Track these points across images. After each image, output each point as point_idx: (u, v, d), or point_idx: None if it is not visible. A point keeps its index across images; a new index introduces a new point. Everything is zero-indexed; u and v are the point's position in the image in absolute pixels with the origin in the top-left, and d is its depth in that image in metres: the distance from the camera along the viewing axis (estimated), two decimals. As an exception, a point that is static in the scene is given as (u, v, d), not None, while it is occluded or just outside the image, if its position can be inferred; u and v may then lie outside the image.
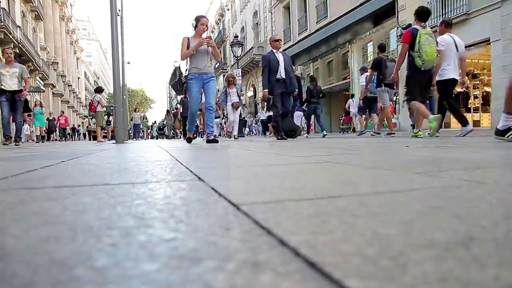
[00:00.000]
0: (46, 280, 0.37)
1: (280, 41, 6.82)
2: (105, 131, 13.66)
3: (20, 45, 20.35)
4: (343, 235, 0.50)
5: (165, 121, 22.71)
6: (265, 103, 12.49)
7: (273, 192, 0.88)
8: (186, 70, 5.73)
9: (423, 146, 2.89)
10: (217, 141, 5.41)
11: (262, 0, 26.09)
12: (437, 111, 5.53)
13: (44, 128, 17.97)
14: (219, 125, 14.33)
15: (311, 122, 14.14)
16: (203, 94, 5.83)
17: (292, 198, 0.79)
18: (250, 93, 29.57)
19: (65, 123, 22.39)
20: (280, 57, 6.55)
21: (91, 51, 78.47)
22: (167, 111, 23.06)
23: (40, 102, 19.08)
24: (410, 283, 0.34)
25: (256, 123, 21.71)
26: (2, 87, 6.95)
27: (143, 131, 24.06)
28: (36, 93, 25.27)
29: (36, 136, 16.92)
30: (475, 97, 14.48)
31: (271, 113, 10.13)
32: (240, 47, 16.68)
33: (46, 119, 18.57)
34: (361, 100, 8.89)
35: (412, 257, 0.41)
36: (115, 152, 3.45)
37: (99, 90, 11.42)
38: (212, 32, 42.16)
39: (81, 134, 33.23)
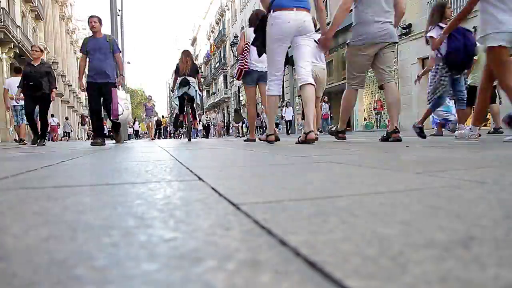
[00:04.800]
0: (46, 280, 0.37)
1: None
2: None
3: (20, 45, 20.34)
4: (343, 235, 0.50)
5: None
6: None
7: (273, 192, 0.88)
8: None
9: (423, 146, 2.89)
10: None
11: (262, 0, 26.07)
12: None
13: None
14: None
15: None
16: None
17: (292, 198, 0.79)
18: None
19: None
20: None
21: (91, 51, 78.31)
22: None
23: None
24: (410, 283, 0.34)
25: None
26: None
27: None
28: (36, 93, 25.26)
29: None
30: (475, 97, 14.48)
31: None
32: (240, 47, 16.62)
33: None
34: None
35: (412, 257, 0.41)
36: (115, 152, 3.45)
37: None
38: (212, 32, 42.17)
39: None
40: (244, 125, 21.43)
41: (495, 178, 1.02)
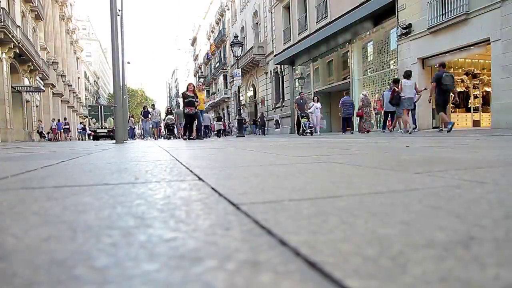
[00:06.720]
0: (46, 280, 0.37)
1: None
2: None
3: (20, 45, 20.33)
4: (343, 235, 0.50)
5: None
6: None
7: (273, 192, 0.88)
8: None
9: (423, 146, 2.89)
10: None
11: (262, 0, 26.08)
12: None
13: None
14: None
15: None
16: None
17: (292, 198, 0.79)
18: (250, 93, 29.55)
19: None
20: None
21: (91, 51, 78.37)
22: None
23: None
24: (410, 283, 0.34)
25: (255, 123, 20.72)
26: None
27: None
28: (36, 93, 25.27)
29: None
30: (475, 97, 14.48)
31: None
32: (240, 47, 16.62)
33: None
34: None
35: (412, 257, 0.41)
36: (115, 152, 3.45)
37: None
38: (212, 32, 42.16)
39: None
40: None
41: (495, 178, 1.02)
